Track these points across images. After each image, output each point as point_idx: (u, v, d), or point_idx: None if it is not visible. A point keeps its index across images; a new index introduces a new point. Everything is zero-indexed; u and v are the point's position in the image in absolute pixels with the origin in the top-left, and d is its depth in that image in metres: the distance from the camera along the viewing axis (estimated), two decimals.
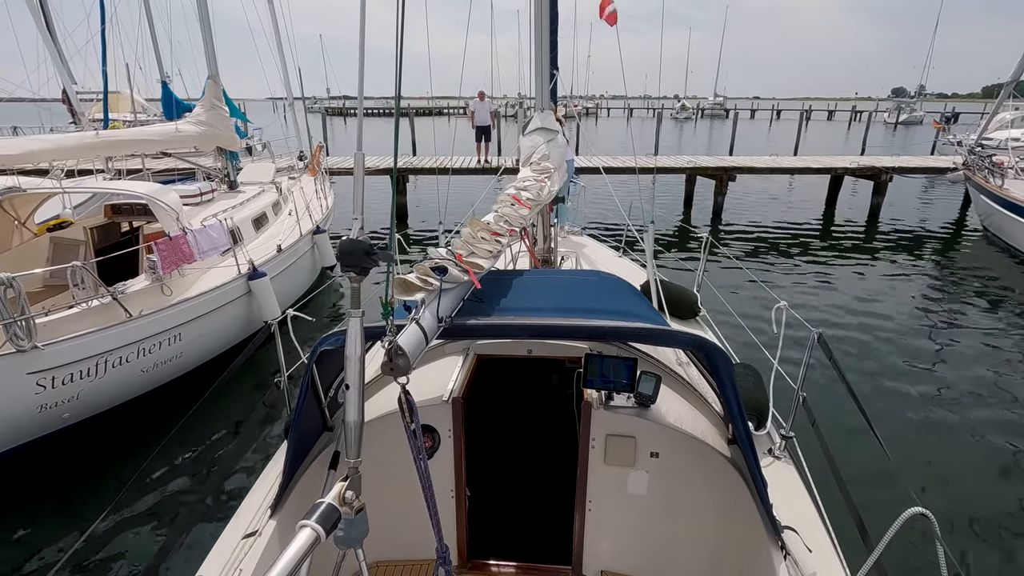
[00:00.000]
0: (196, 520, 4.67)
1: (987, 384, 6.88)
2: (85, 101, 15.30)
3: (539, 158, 4.14)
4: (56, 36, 14.56)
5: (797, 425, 2.99)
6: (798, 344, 3.34)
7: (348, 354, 1.56)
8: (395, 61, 1.66)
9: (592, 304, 2.74)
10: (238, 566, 2.23)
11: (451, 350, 3.30)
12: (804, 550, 2.22)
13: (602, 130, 50.05)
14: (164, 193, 6.61)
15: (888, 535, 1.73)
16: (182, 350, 6.22)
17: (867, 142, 29.08)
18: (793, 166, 16.73)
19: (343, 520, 1.43)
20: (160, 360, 5.98)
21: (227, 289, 6.74)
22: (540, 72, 4.34)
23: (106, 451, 5.61)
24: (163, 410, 6.13)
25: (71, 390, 5.18)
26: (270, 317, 7.33)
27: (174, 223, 6.51)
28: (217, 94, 9.33)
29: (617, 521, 2.87)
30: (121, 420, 5.88)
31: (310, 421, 2.72)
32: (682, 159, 17.85)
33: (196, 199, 8.41)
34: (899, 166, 16.27)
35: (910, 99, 64.40)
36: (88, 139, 7.18)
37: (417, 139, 26.09)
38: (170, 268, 6.03)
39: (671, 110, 67.41)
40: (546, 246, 5.14)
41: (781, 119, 65.31)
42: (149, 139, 8.09)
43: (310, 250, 9.37)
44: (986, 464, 5.42)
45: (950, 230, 14.94)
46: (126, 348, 5.54)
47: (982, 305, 9.47)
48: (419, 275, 2.09)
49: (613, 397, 2.79)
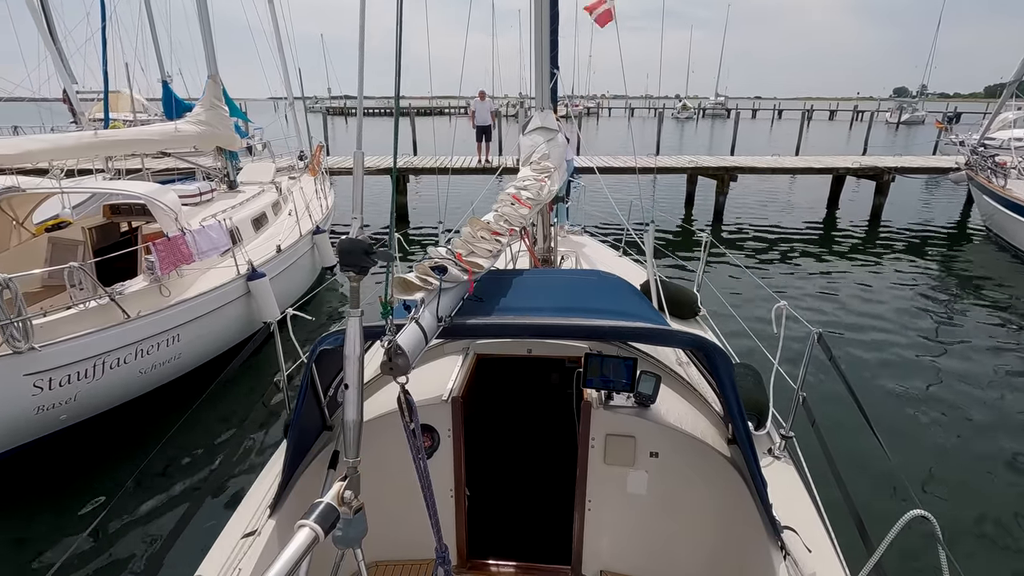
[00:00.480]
0: (195, 519, 4.72)
1: (990, 385, 6.83)
2: (86, 100, 15.30)
3: (539, 157, 4.13)
4: (56, 35, 14.58)
5: (797, 425, 2.98)
6: (799, 343, 3.33)
7: (347, 353, 1.55)
8: (394, 60, 1.68)
9: (592, 304, 2.74)
10: (237, 565, 2.23)
11: (451, 349, 3.29)
12: (804, 550, 2.22)
13: (603, 130, 50.03)
14: (162, 193, 6.58)
15: (888, 538, 1.71)
16: (180, 351, 6.20)
17: (869, 142, 29.03)
18: (795, 166, 16.67)
19: (342, 520, 1.43)
20: (158, 361, 5.95)
21: (226, 290, 6.71)
22: (540, 71, 4.33)
23: (105, 451, 5.59)
24: (162, 410, 6.11)
25: (68, 392, 5.15)
26: (269, 318, 7.33)
27: (173, 223, 6.48)
28: (217, 94, 9.30)
29: (617, 521, 2.87)
30: (120, 420, 5.86)
31: (309, 420, 2.72)
32: (683, 159, 17.81)
33: (195, 199, 8.39)
34: (901, 166, 16.21)
35: (912, 99, 64.25)
36: (86, 139, 7.17)
37: (418, 139, 26.09)
38: (168, 269, 6.00)
39: (672, 110, 67.30)
40: (546, 245, 5.12)
41: (783, 119, 65.22)
42: (148, 139, 8.07)
43: (310, 250, 9.35)
44: (987, 465, 5.38)
45: (952, 230, 14.88)
46: (124, 349, 5.51)
47: (984, 305, 9.43)
48: (419, 274, 2.08)
49: (613, 397, 2.78)
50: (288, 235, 8.66)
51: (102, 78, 12.55)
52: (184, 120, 8.96)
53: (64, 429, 5.37)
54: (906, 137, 44.80)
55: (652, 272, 4.45)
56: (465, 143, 16.76)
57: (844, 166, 16.32)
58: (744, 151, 24.45)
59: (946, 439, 5.79)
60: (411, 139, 25.62)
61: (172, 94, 11.50)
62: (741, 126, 28.44)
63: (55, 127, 14.82)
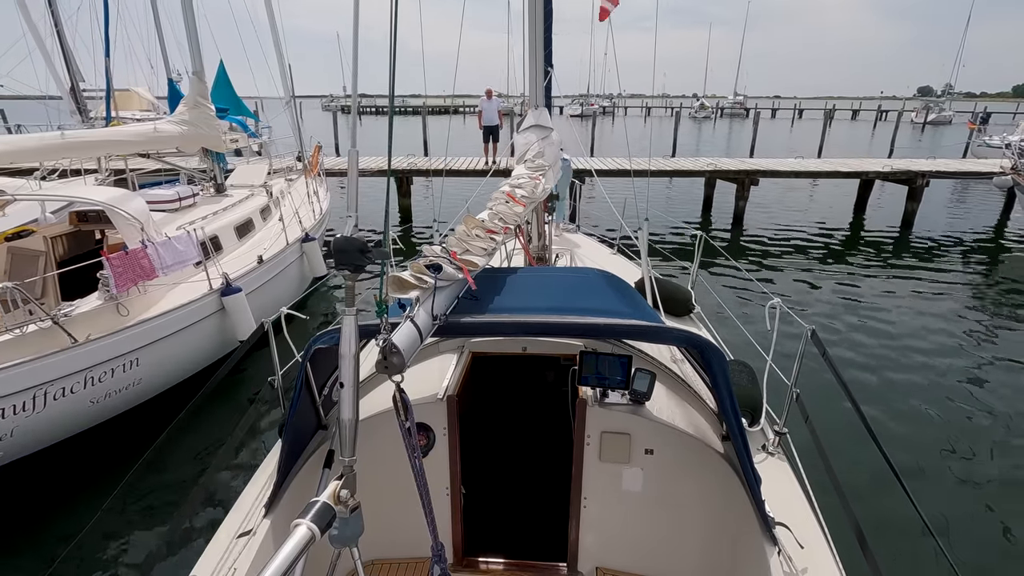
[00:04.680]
0: (190, 520, 4.61)
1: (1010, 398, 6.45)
2: (93, 99, 14.94)
3: (533, 155, 4.11)
4: (64, 34, 14.19)
5: (791, 421, 3.02)
6: (793, 340, 3.24)
7: (343, 352, 1.54)
8: (389, 58, 1.65)
9: (587, 301, 2.68)
10: (232, 565, 2.22)
11: (446, 348, 3.29)
12: (796, 546, 2.25)
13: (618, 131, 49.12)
14: (126, 200, 5.98)
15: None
16: (140, 376, 5.59)
17: (895, 143, 27.88)
18: (820, 169, 15.67)
19: (338, 519, 1.41)
20: (114, 389, 5.35)
21: (195, 307, 6.10)
22: (534, 70, 4.33)
23: (103, 451, 5.42)
24: (162, 410, 5.89)
25: (3, 427, 4.57)
26: (245, 336, 6.71)
27: (136, 234, 5.88)
28: (202, 92, 8.71)
29: (612, 517, 2.89)
30: (121, 420, 5.64)
31: (304, 420, 2.69)
32: (701, 161, 16.95)
33: (174, 204, 7.79)
34: (937, 170, 15.14)
35: (938, 98, 62.39)
36: (50, 140, 6.59)
37: (429, 138, 25.43)
38: (126, 286, 5.40)
39: (690, 109, 66.13)
40: (541, 243, 5.07)
41: (803, 118, 63.75)
42: (122, 140, 7.49)
43: (298, 259, 8.70)
44: (989, 466, 5.34)
45: (987, 239, 13.89)
46: (70, 378, 4.91)
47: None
48: (413, 273, 2.05)
49: (608, 394, 2.81)
50: (273, 244, 8.05)
51: (104, 75, 12.23)
52: (165, 120, 8.38)
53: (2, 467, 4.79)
54: (932, 138, 43.38)
55: (646, 269, 4.41)
56: (476, 144, 16.05)
57: (874, 170, 15.32)
58: (764, 152, 23.51)
59: (948, 440, 5.70)
60: (423, 139, 24.97)
61: (179, 93, 10.96)
62: (760, 126, 27.42)
63: (62, 126, 14.48)
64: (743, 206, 15.10)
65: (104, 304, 5.32)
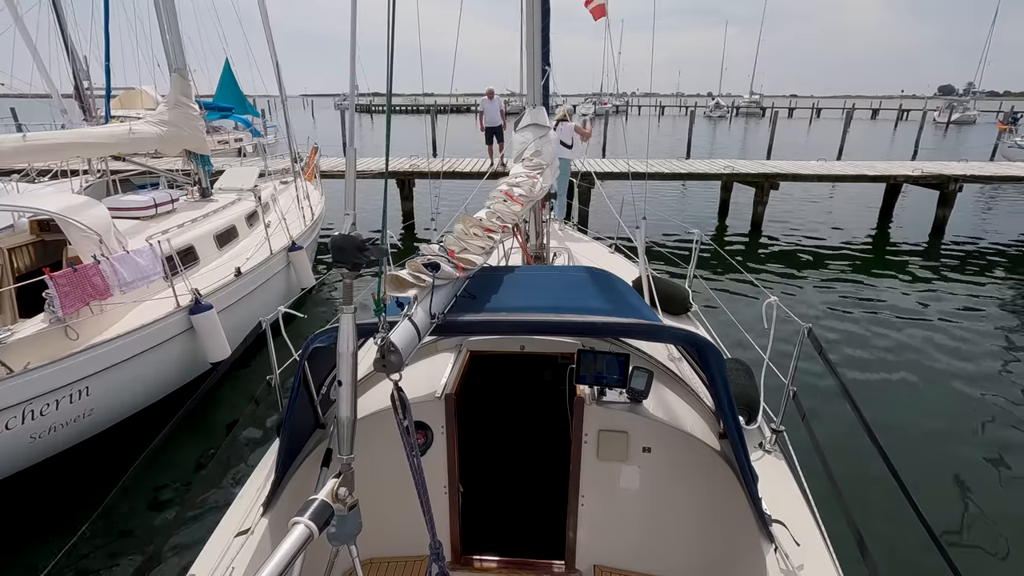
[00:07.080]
0: (188, 518, 4.55)
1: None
2: (100, 97, 14.60)
3: (531, 154, 4.09)
4: (67, 32, 13.81)
5: (788, 420, 3.04)
6: (792, 339, 3.08)
7: (340, 350, 1.52)
8: (386, 59, 1.62)
9: (584, 300, 2.70)
10: (231, 564, 2.22)
11: (444, 346, 3.28)
12: (793, 543, 2.26)
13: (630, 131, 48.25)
14: (82, 209, 5.44)
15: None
16: (92, 407, 5.03)
17: (919, 144, 26.82)
18: (845, 173, 14.75)
19: (336, 517, 1.40)
20: (59, 422, 4.80)
21: (157, 328, 5.52)
22: (532, 68, 4.29)
23: (101, 451, 5.31)
24: (160, 411, 5.81)
25: None
26: (217, 358, 6.14)
27: (94, 247, 5.33)
28: (184, 90, 8.17)
29: (609, 515, 2.89)
30: (119, 421, 5.52)
31: (302, 418, 2.69)
32: (718, 163, 16.15)
33: (149, 212, 7.25)
34: (971, 174, 14.18)
35: (962, 96, 60.73)
36: (9, 143, 6.06)
37: (437, 138, 24.85)
38: (73, 307, 4.84)
39: (704, 108, 65.00)
40: (538, 242, 5.07)
41: (821, 118, 62.38)
42: (92, 142, 6.95)
43: (283, 270, 8.12)
44: (990, 466, 5.30)
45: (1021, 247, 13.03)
46: (4, 413, 4.36)
47: None
48: (411, 271, 2.04)
49: (605, 392, 2.80)
50: (256, 254, 7.48)
51: (104, 74, 11.84)
52: (143, 120, 7.84)
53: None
54: (956, 138, 42.05)
55: (644, 268, 4.39)
56: (481, 145, 15.45)
57: (902, 173, 14.42)
58: (781, 154, 22.63)
59: (949, 441, 5.61)
60: (431, 139, 24.39)
61: None
62: (777, 126, 26.49)
63: (65, 125, 14.15)
64: (762, 212, 14.30)
65: (49, 327, 4.77)
